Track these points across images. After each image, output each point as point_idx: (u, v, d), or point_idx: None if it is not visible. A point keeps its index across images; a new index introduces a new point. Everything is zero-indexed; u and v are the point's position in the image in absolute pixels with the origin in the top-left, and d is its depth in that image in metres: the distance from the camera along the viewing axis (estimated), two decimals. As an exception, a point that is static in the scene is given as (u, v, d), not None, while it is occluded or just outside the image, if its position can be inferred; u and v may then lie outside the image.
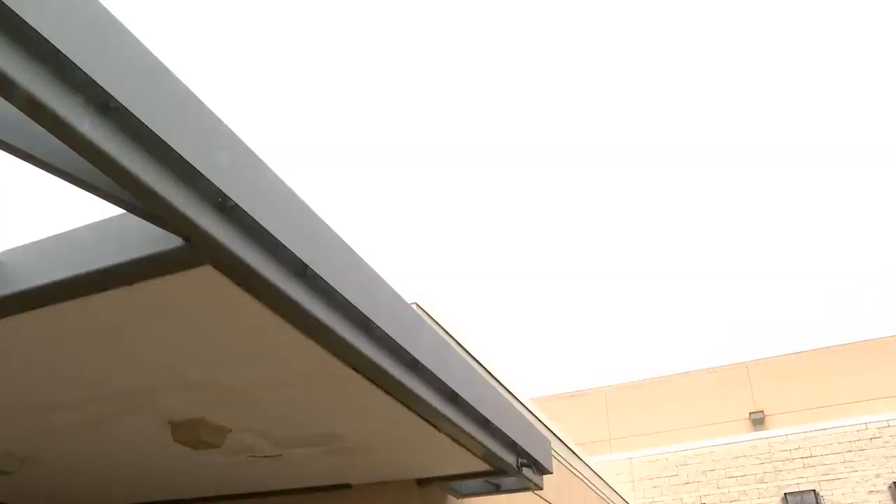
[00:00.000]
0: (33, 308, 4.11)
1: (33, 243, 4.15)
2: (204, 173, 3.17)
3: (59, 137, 2.82)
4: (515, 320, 54.25)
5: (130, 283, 3.78)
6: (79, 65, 2.70)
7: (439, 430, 5.62)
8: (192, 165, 3.12)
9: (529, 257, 55.82)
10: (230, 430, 5.88)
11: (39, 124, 2.77)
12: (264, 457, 6.52)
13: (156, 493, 8.28)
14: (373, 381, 4.74)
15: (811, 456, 16.86)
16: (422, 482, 7.02)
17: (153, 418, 5.77)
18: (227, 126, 3.43)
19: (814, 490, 16.42)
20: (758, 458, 17.22)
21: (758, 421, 22.07)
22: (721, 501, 16.85)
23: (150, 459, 6.90)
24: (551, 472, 7.15)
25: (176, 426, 5.77)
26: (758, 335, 46.63)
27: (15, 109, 2.73)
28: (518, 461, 6.50)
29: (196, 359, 4.71)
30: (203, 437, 5.72)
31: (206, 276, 3.66)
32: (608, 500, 14.26)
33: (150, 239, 3.55)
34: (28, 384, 5.33)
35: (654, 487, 17.75)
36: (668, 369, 24.44)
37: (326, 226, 4.05)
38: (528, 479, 6.77)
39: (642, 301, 51.31)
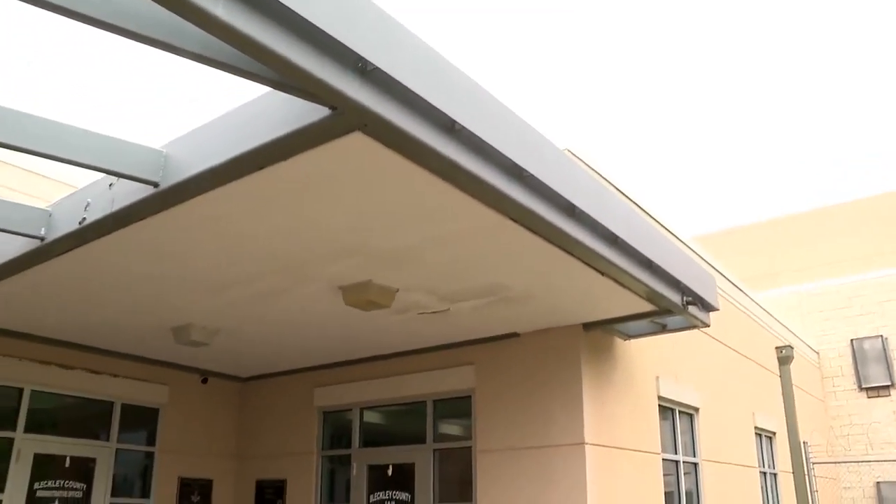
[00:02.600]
0: (199, 193, 4.35)
1: (190, 133, 4.33)
2: (341, 40, 3.14)
3: (196, 24, 2.86)
4: (673, 158, 52.55)
5: (285, 159, 3.89)
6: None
7: (602, 274, 5.60)
8: (327, 34, 3.09)
9: (684, 90, 53.50)
10: (397, 290, 6.11)
11: (176, 14, 2.81)
12: (432, 313, 6.77)
13: (333, 356, 8.84)
14: (531, 230, 4.75)
15: None
16: (588, 326, 7.11)
17: (323, 285, 6.07)
18: (356, -12, 3.36)
19: None
20: (938, 285, 16.26)
21: (938, 246, 20.73)
22: (898, 331, 16.19)
23: (325, 324, 7.32)
24: (718, 309, 7.05)
25: (346, 290, 6.05)
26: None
27: (151, 2, 2.78)
28: (683, 299, 6.43)
29: (357, 225, 4.86)
30: (372, 299, 5.98)
31: (356, 143, 3.71)
32: (777, 336, 14.00)
33: (297, 113, 3.61)
34: (204, 265, 5.71)
35: (826, 320, 17.17)
36: (837, 198, 23.14)
37: (470, 79, 3.97)
38: (694, 316, 6.71)
39: (809, 128, 48.47)
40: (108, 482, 8.75)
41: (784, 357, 13.49)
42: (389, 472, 8.47)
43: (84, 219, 4.88)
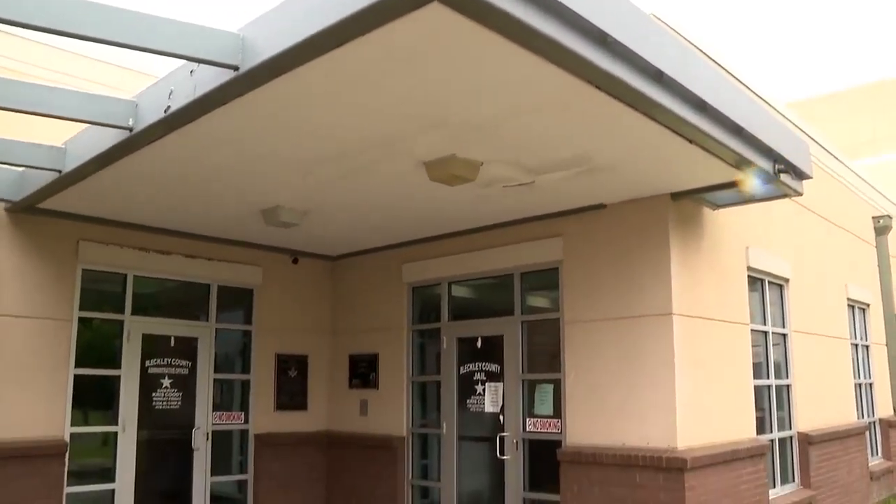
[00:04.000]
0: (279, 74, 4.33)
1: (266, 14, 4.28)
2: None
3: None
4: (766, 20, 49.69)
5: (363, 34, 3.83)
6: None
7: (690, 142, 5.44)
8: None
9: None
10: (481, 163, 6.07)
11: None
12: (517, 185, 6.73)
13: (420, 231, 8.94)
14: (616, 97, 4.61)
15: None
16: (676, 196, 6.97)
17: (408, 162, 6.08)
18: None
19: None
20: None
21: None
22: None
23: (411, 201, 7.38)
24: (811, 177, 6.80)
25: (430, 165, 6.04)
26: None
27: None
28: (775, 167, 6.21)
29: (439, 98, 4.80)
30: (456, 173, 5.97)
31: (434, 14, 3.61)
32: (875, 205, 13.48)
33: (375, -15, 3.52)
34: (289, 146, 5.77)
35: (929, 187, 16.44)
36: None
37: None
38: (786, 185, 6.50)
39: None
40: (211, 359, 9.28)
41: (881, 227, 13.07)
42: (479, 344, 8.68)
43: (169, 107, 4.97)
